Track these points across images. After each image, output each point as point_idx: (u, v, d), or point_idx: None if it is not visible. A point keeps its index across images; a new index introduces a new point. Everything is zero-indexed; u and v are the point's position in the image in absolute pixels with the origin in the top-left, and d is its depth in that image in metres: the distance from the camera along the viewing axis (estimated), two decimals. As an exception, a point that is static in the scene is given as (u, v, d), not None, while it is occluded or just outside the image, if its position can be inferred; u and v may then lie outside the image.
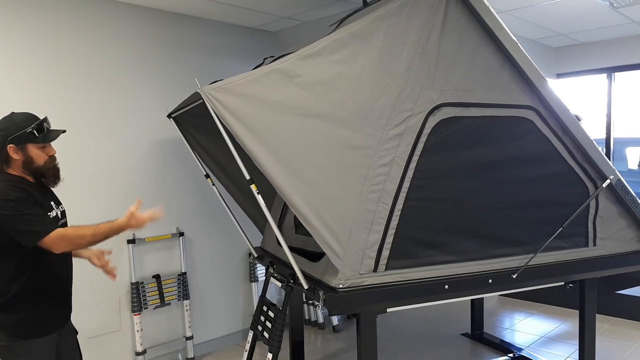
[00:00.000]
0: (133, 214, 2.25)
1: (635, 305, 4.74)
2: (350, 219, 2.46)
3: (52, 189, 2.42)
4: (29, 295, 2.21)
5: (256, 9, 4.04)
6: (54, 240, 2.11)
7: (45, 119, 2.30)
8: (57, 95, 3.47)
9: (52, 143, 2.35)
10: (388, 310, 2.66)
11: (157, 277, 3.98)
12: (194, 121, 3.53)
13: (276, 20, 4.38)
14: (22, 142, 2.21)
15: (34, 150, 2.25)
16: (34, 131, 2.22)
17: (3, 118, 2.26)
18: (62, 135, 2.39)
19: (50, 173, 2.32)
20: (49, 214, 2.26)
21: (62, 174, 2.41)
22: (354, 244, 2.47)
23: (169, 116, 3.62)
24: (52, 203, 2.37)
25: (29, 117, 2.26)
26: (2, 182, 2.18)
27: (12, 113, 2.28)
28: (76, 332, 2.54)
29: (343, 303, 2.49)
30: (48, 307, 2.28)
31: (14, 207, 2.10)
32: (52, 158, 2.33)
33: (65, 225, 2.42)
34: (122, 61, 3.80)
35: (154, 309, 3.97)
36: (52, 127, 2.35)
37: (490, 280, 2.82)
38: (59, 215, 2.37)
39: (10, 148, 2.21)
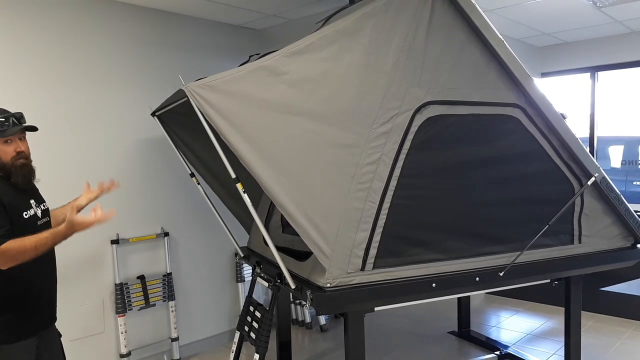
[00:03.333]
0: (72, 222, 2.09)
1: (619, 302, 4.80)
2: (338, 218, 2.44)
3: (37, 186, 2.35)
4: (1, 300, 2.15)
5: (242, 6, 4.01)
6: None
7: (16, 114, 2.21)
8: (38, 92, 3.40)
9: (29, 141, 2.28)
10: (376, 309, 2.65)
11: (141, 277, 3.92)
12: (179, 119, 3.49)
13: (262, 17, 4.35)
14: None
15: None
16: None
17: None
18: (44, 133, 2.38)
19: (17, 172, 2.19)
20: (24, 213, 2.19)
21: (40, 173, 2.34)
22: (341, 243, 2.45)
23: (153, 114, 3.56)
24: (32, 201, 2.29)
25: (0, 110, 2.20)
26: None
27: None
28: (60, 335, 2.48)
29: (331, 302, 2.47)
30: (23, 311, 2.20)
31: None
32: (21, 155, 2.20)
33: (48, 224, 2.35)
34: (105, 58, 3.74)
35: (138, 310, 3.92)
36: (28, 124, 2.27)
37: (477, 278, 2.82)
38: (39, 215, 2.29)
39: None
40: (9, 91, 3.28)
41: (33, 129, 2.28)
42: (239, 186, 2.47)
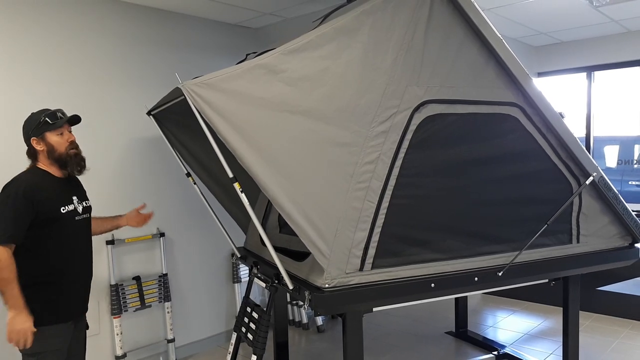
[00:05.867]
0: (13, 321, 2.27)
1: (616, 302, 4.81)
2: (336, 217, 2.42)
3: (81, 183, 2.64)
4: (40, 285, 2.35)
5: (238, 4, 3.98)
6: None
7: (58, 110, 2.47)
8: (31, 91, 3.36)
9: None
10: (374, 309, 2.63)
11: (137, 278, 3.89)
12: (175, 118, 3.46)
13: (258, 16, 4.32)
14: (41, 132, 2.40)
15: (52, 138, 2.41)
16: (47, 119, 2.41)
17: (24, 120, 2.47)
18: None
19: (73, 160, 2.45)
20: (62, 208, 2.41)
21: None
22: (340, 243, 2.43)
23: (148, 113, 3.53)
24: (75, 197, 2.52)
25: (43, 110, 2.46)
26: (25, 172, 2.40)
27: (32, 113, 2.47)
28: (87, 327, 2.68)
29: (329, 303, 2.44)
30: (61, 295, 2.41)
31: (3, 198, 2.28)
32: (73, 144, 2.47)
33: (87, 220, 2.60)
34: (100, 57, 3.71)
35: (134, 311, 3.88)
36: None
37: (476, 278, 2.80)
38: (79, 210, 2.52)
39: (33, 141, 2.41)
40: (4, 90, 3.24)
41: (78, 119, 2.51)
42: (236, 186, 2.44)
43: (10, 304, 2.25)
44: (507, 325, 4.77)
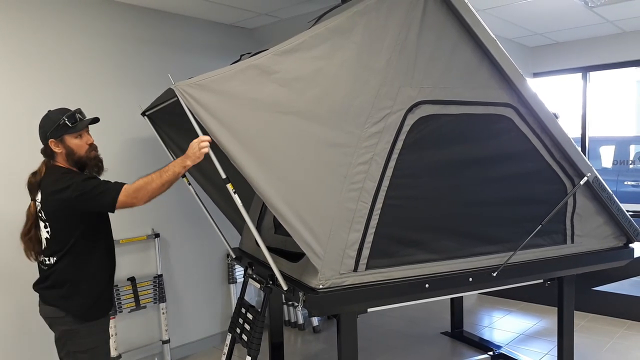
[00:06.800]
0: (193, 150, 2.33)
1: (611, 302, 4.82)
2: (330, 218, 2.41)
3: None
4: (88, 283, 2.40)
5: (234, 5, 3.98)
6: (130, 195, 2.30)
7: (77, 110, 2.42)
8: (26, 91, 3.35)
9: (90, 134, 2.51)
10: (368, 310, 2.62)
11: (132, 279, 3.88)
12: (169, 119, 3.45)
13: (253, 17, 4.32)
14: (59, 135, 2.36)
15: (72, 141, 2.38)
16: (66, 122, 2.35)
17: (42, 118, 2.40)
18: (34, 132, 2.44)
19: (92, 162, 2.45)
20: None
21: (27, 171, 2.48)
22: (334, 244, 2.43)
23: (143, 114, 3.52)
24: None
25: (62, 111, 2.39)
26: (55, 174, 2.34)
27: (49, 111, 2.40)
28: None
29: (323, 304, 2.44)
30: (102, 292, 2.48)
31: (77, 188, 2.26)
32: (92, 146, 2.46)
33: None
34: (95, 57, 3.70)
35: (129, 312, 3.87)
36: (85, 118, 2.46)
37: (470, 279, 2.80)
38: None
39: (51, 142, 2.37)
40: (-5, 90, 3.24)
41: (97, 121, 2.49)
42: (229, 187, 2.43)
43: (180, 166, 2.34)
44: (502, 325, 4.77)
